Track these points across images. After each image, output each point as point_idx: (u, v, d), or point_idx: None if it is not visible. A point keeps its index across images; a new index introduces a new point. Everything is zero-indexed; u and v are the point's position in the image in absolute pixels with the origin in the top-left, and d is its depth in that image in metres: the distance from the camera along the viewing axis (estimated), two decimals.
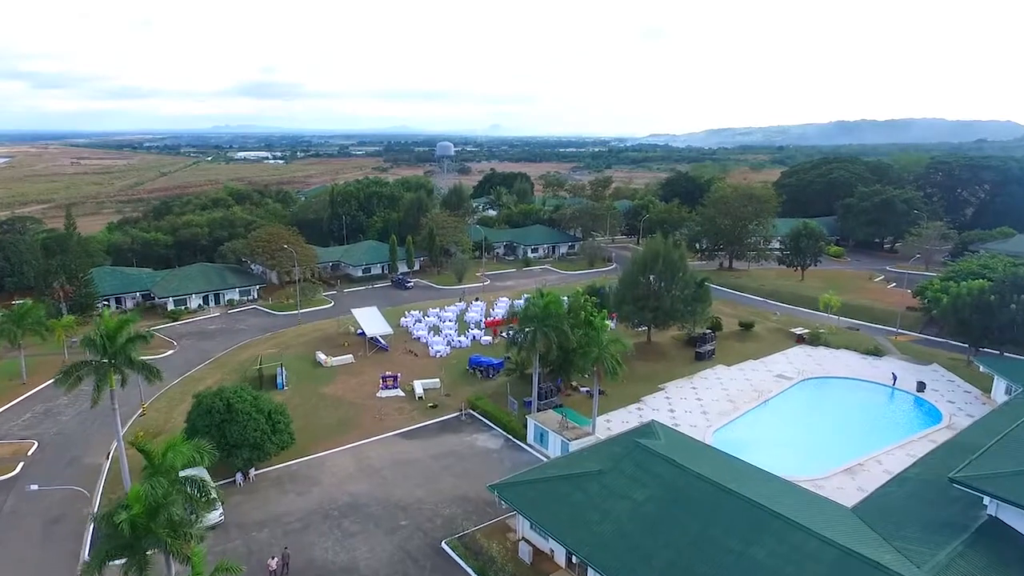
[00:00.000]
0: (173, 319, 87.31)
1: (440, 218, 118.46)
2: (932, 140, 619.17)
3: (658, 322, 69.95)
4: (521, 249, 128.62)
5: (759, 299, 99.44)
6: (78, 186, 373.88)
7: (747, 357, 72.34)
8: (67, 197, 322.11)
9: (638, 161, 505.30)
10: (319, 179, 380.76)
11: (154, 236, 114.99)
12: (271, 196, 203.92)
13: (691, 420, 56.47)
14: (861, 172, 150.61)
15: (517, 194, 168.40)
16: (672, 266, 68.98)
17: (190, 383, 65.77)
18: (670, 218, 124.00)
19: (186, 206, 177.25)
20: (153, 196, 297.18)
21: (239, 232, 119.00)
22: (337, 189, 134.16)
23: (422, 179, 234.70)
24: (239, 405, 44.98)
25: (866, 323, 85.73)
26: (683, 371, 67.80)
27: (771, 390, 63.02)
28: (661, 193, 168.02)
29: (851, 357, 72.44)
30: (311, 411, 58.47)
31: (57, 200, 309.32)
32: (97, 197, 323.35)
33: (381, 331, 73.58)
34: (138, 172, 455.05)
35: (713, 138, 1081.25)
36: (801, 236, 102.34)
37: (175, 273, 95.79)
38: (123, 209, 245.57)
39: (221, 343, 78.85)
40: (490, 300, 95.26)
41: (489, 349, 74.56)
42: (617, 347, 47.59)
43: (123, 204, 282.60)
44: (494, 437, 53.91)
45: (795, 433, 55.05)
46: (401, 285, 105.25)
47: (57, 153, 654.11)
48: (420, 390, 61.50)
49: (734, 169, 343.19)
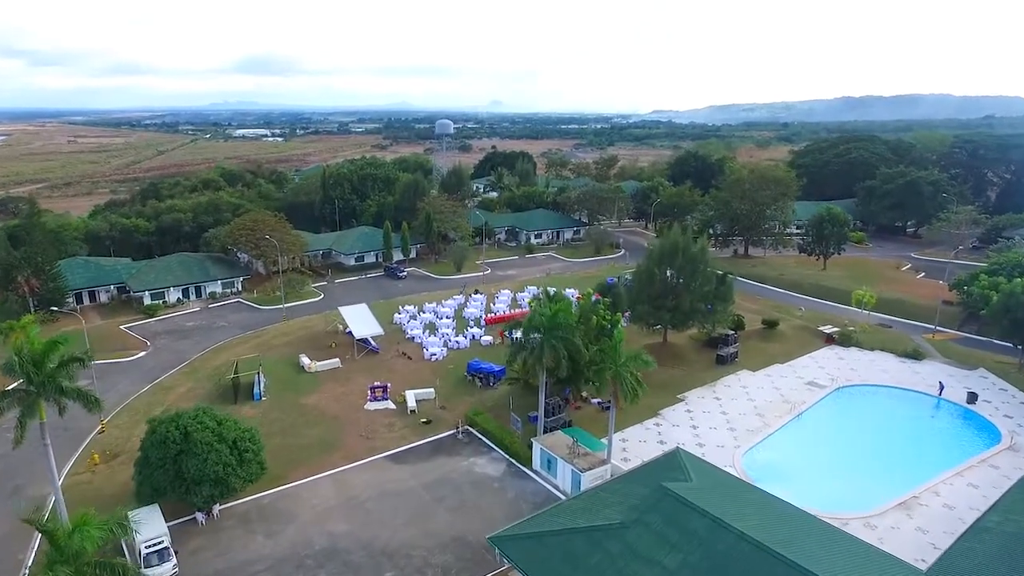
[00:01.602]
0: (149, 315, 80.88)
1: (438, 202, 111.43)
2: (939, 116, 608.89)
3: (676, 323, 63.33)
4: (524, 235, 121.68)
5: (779, 291, 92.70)
6: (74, 165, 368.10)
7: (773, 360, 65.86)
8: (62, 176, 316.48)
9: (641, 138, 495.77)
10: (317, 157, 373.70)
11: (134, 222, 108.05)
12: (264, 177, 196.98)
13: (717, 439, 50.19)
14: (882, 152, 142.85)
15: (519, 175, 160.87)
16: (692, 261, 62.21)
17: (159, 392, 59.56)
18: (681, 202, 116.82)
19: (174, 188, 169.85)
20: (149, 175, 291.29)
21: (225, 217, 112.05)
22: (329, 171, 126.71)
23: (421, 158, 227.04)
24: (198, 434, 38.62)
25: (898, 319, 79.04)
26: (704, 377, 61.38)
27: (803, 401, 56.62)
28: (669, 173, 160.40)
29: (888, 360, 65.90)
30: (289, 427, 52.23)
31: (52, 180, 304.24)
32: (92, 176, 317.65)
33: (371, 332, 67.08)
34: (135, 150, 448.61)
35: (717, 114, 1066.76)
36: (824, 222, 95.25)
37: (152, 264, 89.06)
38: (118, 189, 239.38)
39: (198, 343, 72.49)
40: (491, 293, 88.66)
41: (490, 351, 68.14)
42: (637, 365, 41.03)
43: (118, 184, 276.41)
44: (495, 461, 47.64)
45: (835, 455, 48.70)
46: (394, 275, 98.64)
47: (54, 131, 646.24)
48: (412, 402, 55.18)
49: (739, 146, 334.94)
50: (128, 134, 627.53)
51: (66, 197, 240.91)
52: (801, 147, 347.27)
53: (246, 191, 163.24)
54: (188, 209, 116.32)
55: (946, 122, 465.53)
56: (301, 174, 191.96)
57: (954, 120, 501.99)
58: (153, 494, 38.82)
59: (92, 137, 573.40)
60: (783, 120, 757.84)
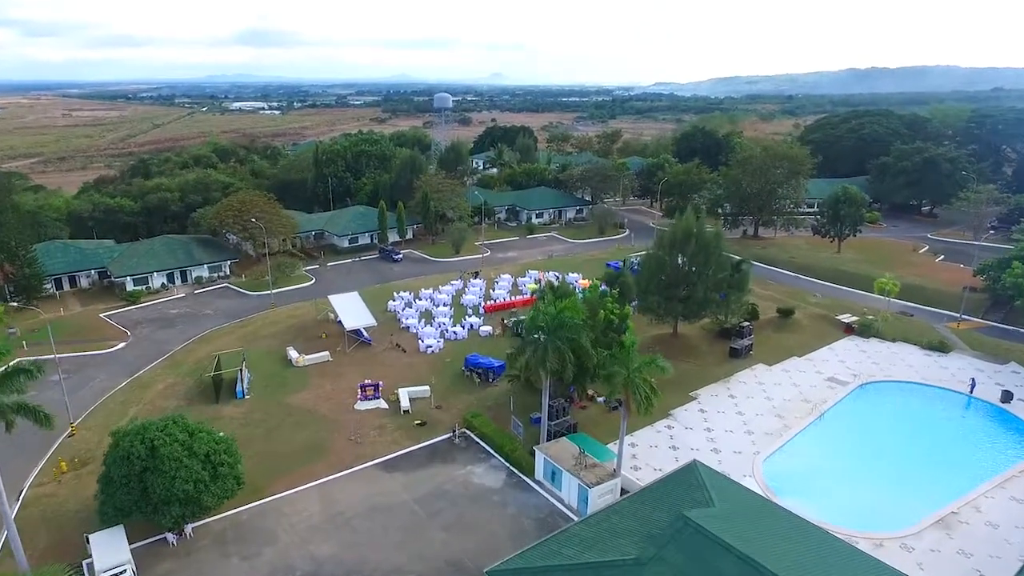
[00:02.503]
0: (131, 302, 76.89)
1: (435, 181, 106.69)
2: (947, 88, 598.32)
3: (689, 314, 59.33)
4: (524, 214, 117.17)
5: (791, 274, 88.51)
6: (68, 139, 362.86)
7: (789, 352, 61.99)
8: (56, 151, 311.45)
9: (643, 111, 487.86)
10: (315, 131, 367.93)
11: (118, 202, 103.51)
12: (258, 152, 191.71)
13: (734, 443, 46.50)
14: (896, 127, 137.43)
15: (520, 151, 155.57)
16: (707, 248, 57.97)
17: (137, 389, 55.79)
18: (689, 180, 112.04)
19: (164, 164, 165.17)
20: (144, 149, 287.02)
21: (214, 196, 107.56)
22: (322, 148, 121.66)
23: (419, 133, 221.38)
24: (166, 449, 34.83)
25: (919, 305, 74.94)
26: (717, 372, 57.57)
27: (824, 400, 52.86)
28: (675, 149, 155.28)
29: (911, 353, 62.02)
30: (273, 430, 48.55)
31: (47, 154, 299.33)
32: (87, 151, 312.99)
33: (363, 323, 63.12)
34: (130, 124, 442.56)
35: (720, 87, 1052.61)
36: (840, 203, 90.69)
37: (135, 248, 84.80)
38: (113, 163, 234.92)
39: (182, 333, 68.61)
40: (490, 277, 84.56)
41: (489, 342, 64.30)
42: (652, 371, 37.07)
43: (113, 158, 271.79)
44: (494, 470, 43.98)
45: (861, 461, 45.00)
46: (389, 257, 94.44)
47: (49, 104, 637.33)
48: (406, 401, 51.43)
49: (743, 119, 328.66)
50: (123, 107, 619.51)
51: (60, 172, 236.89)
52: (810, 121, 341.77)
53: (239, 168, 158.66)
54: (175, 188, 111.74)
55: (953, 94, 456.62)
56: (297, 149, 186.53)
57: (961, 92, 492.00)
58: (117, 515, 35.17)
59: (87, 110, 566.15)
60: (787, 93, 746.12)
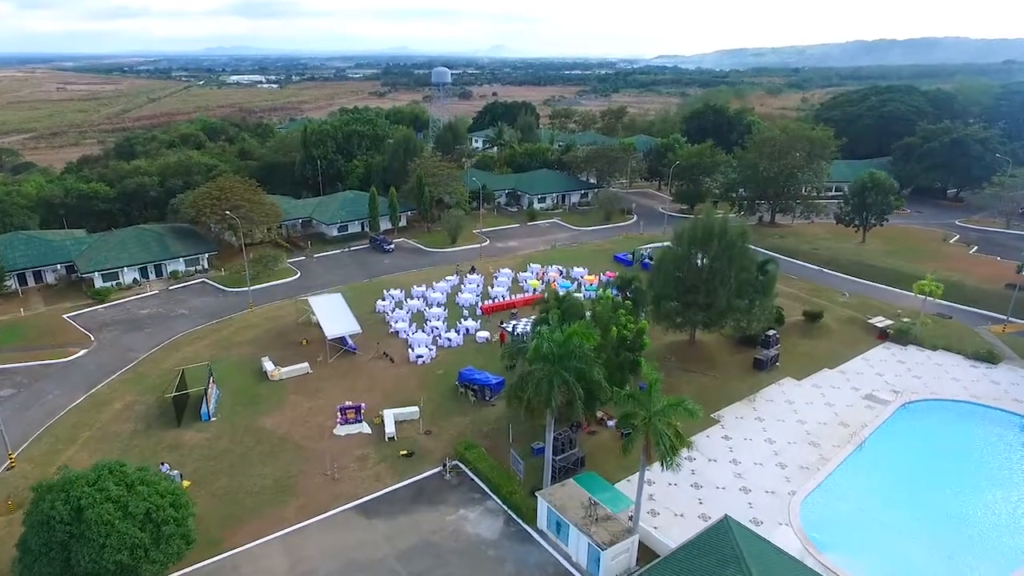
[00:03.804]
0: (99, 300, 70.80)
1: (430, 163, 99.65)
2: (957, 61, 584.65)
3: (710, 323, 53.14)
4: (526, 199, 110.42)
5: (813, 267, 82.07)
6: (62, 113, 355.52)
7: (819, 364, 55.86)
8: (50, 126, 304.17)
9: (646, 84, 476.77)
10: (312, 105, 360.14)
11: (92, 187, 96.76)
12: (249, 130, 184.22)
13: (765, 480, 40.58)
14: (919, 104, 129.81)
15: (521, 130, 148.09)
16: (730, 248, 51.55)
17: (92, 408, 49.85)
18: (701, 162, 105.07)
19: (150, 143, 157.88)
20: (139, 125, 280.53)
21: (196, 181, 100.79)
22: (311, 128, 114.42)
23: (417, 109, 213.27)
24: (94, 511, 29.01)
25: (957, 305, 68.51)
26: (740, 388, 51.53)
27: (863, 423, 46.86)
28: (684, 127, 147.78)
29: (956, 364, 55.87)
30: (239, 462, 42.69)
31: (39, 129, 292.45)
32: (80, 126, 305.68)
33: (346, 330, 56.96)
34: (126, 99, 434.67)
35: (725, 60, 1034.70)
36: (867, 190, 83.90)
37: (105, 240, 78.36)
38: (107, 139, 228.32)
39: (150, 337, 62.57)
40: (488, 272, 78.24)
41: (487, 348, 58.27)
42: (680, 416, 30.92)
43: (107, 134, 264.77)
44: (490, 515, 38.13)
45: (913, 503, 39.10)
46: (381, 247, 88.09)
47: (44, 78, 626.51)
48: (391, 426, 45.50)
49: (749, 93, 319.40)
50: (119, 81, 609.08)
51: (52, 148, 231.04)
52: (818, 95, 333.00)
53: (227, 147, 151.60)
54: (155, 171, 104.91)
55: (964, 67, 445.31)
56: (288, 127, 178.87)
57: (973, 65, 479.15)
58: None
59: (82, 84, 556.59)
60: (794, 65, 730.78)
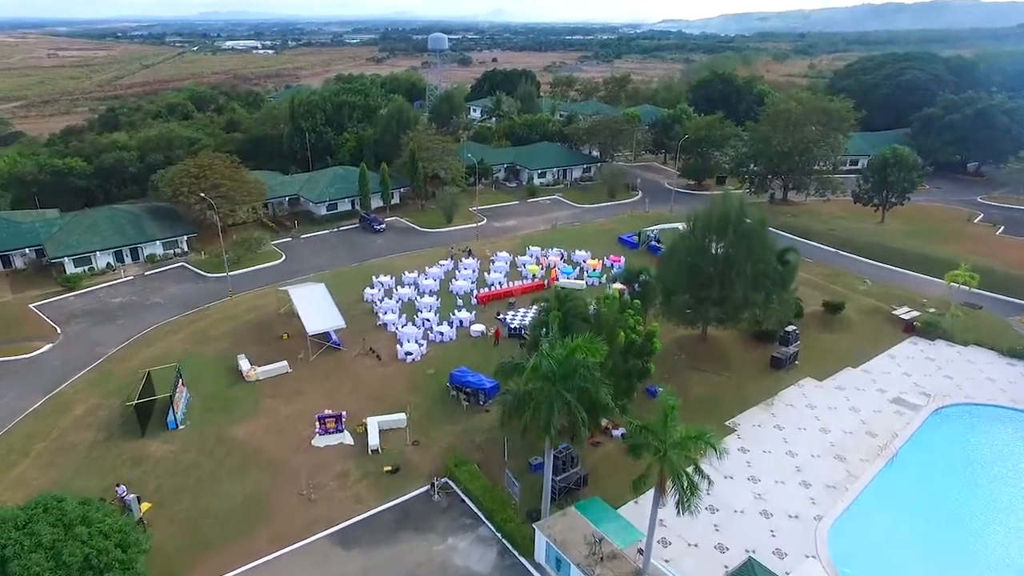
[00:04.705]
0: (69, 287, 66.32)
1: (424, 137, 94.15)
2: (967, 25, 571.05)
3: (725, 319, 48.71)
4: (525, 174, 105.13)
5: (830, 249, 77.30)
6: (54, 81, 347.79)
7: (841, 361, 51.55)
8: (41, 94, 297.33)
9: (649, 50, 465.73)
10: (309, 71, 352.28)
11: (68, 163, 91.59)
12: (239, 99, 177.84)
13: (787, 501, 36.53)
14: (939, 73, 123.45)
15: (521, 100, 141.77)
16: (748, 237, 46.87)
17: (52, 413, 45.77)
18: (710, 135, 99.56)
19: (135, 113, 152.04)
20: (131, 92, 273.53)
21: (178, 156, 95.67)
22: (299, 99, 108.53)
23: (414, 77, 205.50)
24: (20, 562, 24.95)
25: (985, 292, 63.66)
26: (757, 391, 47.31)
27: (893, 431, 42.73)
28: (691, 97, 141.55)
29: (989, 361, 51.55)
30: (207, 479, 38.69)
31: (30, 97, 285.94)
32: (72, 94, 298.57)
33: (329, 324, 52.58)
34: (119, 65, 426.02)
35: (730, 24, 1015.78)
36: (889, 166, 78.72)
37: (77, 221, 73.54)
38: (98, 108, 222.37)
39: (122, 330, 58.24)
40: (485, 255, 73.59)
41: (482, 343, 54.02)
42: (699, 446, 26.64)
43: (99, 101, 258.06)
44: (482, 544, 34.18)
45: (953, 528, 35.13)
46: (371, 227, 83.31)
47: (35, 43, 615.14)
48: (375, 437, 41.38)
49: (755, 59, 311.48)
50: (112, 47, 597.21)
51: (43, 117, 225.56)
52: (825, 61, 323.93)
53: (216, 118, 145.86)
54: (134, 146, 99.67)
55: (975, 32, 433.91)
56: (283, 95, 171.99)
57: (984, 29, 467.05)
58: None
59: (74, 50, 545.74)
60: (799, 31, 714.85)
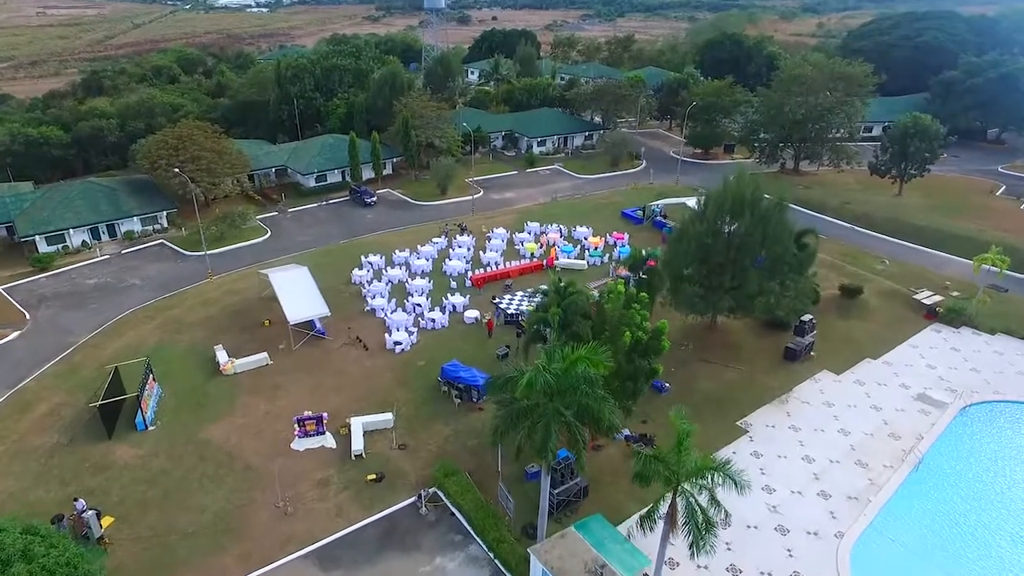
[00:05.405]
0: (41, 268, 62.71)
1: (417, 104, 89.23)
2: None
3: (738, 309, 45.17)
4: (524, 142, 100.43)
5: (845, 225, 73.24)
6: (41, 41, 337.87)
7: (860, 352, 48.15)
8: (29, 55, 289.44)
9: (653, 8, 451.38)
10: (303, 31, 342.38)
11: (43, 132, 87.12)
12: (228, 61, 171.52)
13: (806, 515, 33.49)
14: (961, 33, 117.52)
15: (520, 62, 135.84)
16: (764, 220, 43.04)
17: (14, 411, 42.58)
18: (720, 102, 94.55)
19: (119, 77, 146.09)
20: (121, 53, 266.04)
21: (160, 124, 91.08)
22: (285, 62, 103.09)
23: (409, 37, 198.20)
24: None
25: (1012, 273, 59.45)
26: (770, 385, 44.02)
27: (918, 432, 39.55)
28: (698, 59, 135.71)
29: (1019, 352, 48.15)
30: (176, 488, 35.65)
31: (18, 58, 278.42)
32: (61, 54, 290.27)
33: (312, 312, 49.06)
34: (109, 24, 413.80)
35: None
36: (909, 136, 74.23)
37: (50, 196, 69.45)
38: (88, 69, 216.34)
39: (94, 314, 54.81)
40: (481, 231, 69.73)
41: (477, 331, 50.63)
42: (715, 479, 23.34)
43: (88, 62, 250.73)
44: (474, 565, 31.24)
45: (993, 545, 32.20)
46: (362, 200, 79.28)
47: (22, 2, 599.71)
48: (359, 441, 38.25)
49: (762, 18, 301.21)
50: (103, 4, 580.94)
51: (32, 79, 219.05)
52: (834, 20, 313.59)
53: (203, 81, 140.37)
54: (114, 113, 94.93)
55: None
56: (270, 57, 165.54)
57: None
58: None
59: (63, 8, 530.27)
60: None
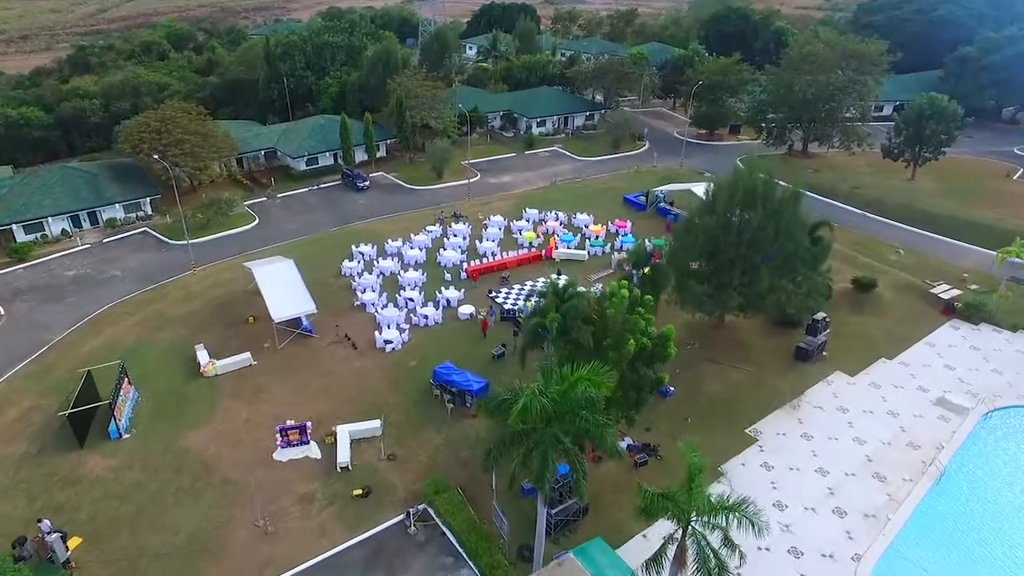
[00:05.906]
0: (18, 258, 60.11)
1: (413, 83, 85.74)
2: None
3: (748, 307, 42.66)
4: (523, 122, 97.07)
5: (856, 211, 70.45)
6: (33, 14, 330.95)
7: (874, 351, 45.74)
8: (20, 28, 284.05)
9: None
10: (300, 4, 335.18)
11: (24, 113, 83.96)
12: (220, 37, 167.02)
13: (820, 535, 31.36)
14: (977, 7, 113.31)
15: (520, 38, 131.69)
16: (777, 214, 40.36)
17: None
18: (726, 81, 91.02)
19: (106, 53, 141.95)
20: (115, 27, 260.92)
21: (145, 103, 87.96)
22: (275, 40, 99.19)
23: (406, 11, 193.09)
24: None
25: None
26: (781, 388, 41.69)
27: (938, 441, 37.29)
28: (703, 35, 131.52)
29: None
30: (150, 504, 33.50)
31: (8, 32, 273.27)
32: (53, 28, 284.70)
33: (297, 310, 46.55)
34: None
35: None
36: (925, 118, 71.05)
37: (27, 182, 66.51)
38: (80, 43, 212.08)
39: (72, 309, 52.40)
40: (478, 218, 66.98)
41: (472, 328, 48.19)
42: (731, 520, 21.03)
43: (80, 36, 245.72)
44: None
45: (1020, 563, 30.08)
46: (354, 184, 76.40)
47: None
48: (346, 450, 36.05)
49: None
50: None
51: (23, 53, 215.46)
52: None
53: (194, 58, 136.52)
54: (98, 92, 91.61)
55: None
56: (263, 32, 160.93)
57: None
58: None
59: None
60: None
